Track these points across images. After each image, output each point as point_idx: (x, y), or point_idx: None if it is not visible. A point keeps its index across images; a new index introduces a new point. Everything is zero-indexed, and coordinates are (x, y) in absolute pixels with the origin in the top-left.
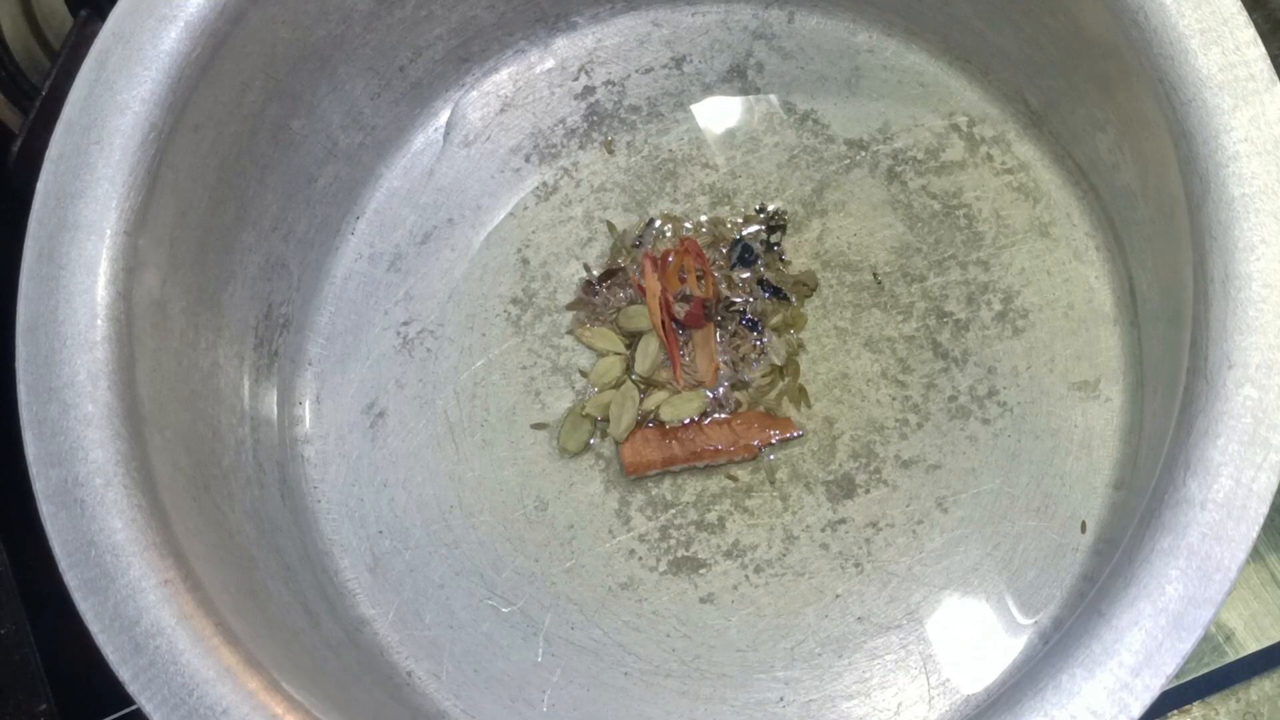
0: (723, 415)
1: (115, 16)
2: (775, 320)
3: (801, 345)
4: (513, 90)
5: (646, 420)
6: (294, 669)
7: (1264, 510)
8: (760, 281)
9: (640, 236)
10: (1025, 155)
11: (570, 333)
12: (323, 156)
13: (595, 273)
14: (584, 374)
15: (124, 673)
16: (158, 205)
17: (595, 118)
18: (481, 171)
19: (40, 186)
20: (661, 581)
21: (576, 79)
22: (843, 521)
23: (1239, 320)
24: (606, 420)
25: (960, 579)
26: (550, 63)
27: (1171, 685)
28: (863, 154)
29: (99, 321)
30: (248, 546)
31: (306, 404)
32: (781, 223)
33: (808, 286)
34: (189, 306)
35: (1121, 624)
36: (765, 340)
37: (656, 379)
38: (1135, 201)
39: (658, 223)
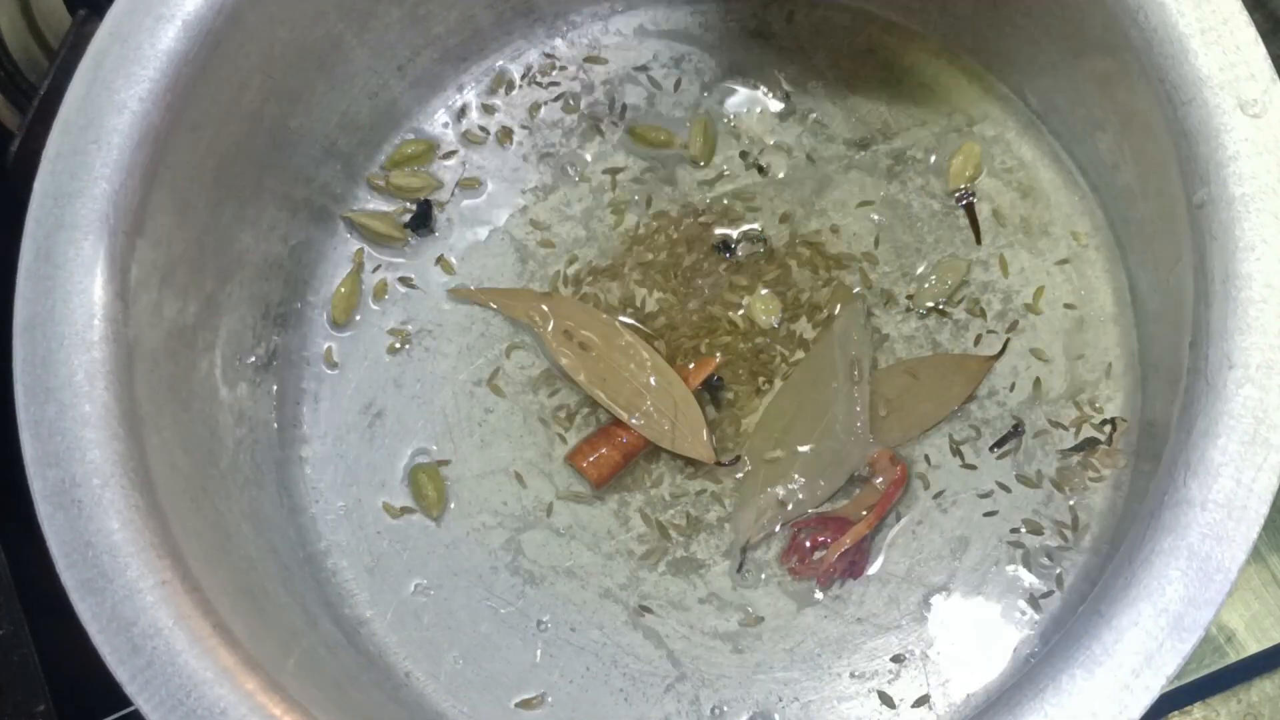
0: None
1: (113, 16)
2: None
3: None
4: (511, 90)
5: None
6: (292, 669)
7: (1264, 510)
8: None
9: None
10: (1025, 155)
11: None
12: (320, 156)
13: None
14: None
15: (122, 673)
16: (155, 205)
17: (594, 118)
18: (480, 171)
19: (38, 186)
20: (661, 581)
21: (575, 79)
22: None
23: (1239, 320)
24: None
25: (960, 579)
26: (549, 63)
27: (1172, 686)
28: (863, 154)
29: (96, 321)
30: (245, 547)
31: (304, 404)
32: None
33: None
34: (187, 306)
35: (1122, 624)
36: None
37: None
38: (1135, 201)
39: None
